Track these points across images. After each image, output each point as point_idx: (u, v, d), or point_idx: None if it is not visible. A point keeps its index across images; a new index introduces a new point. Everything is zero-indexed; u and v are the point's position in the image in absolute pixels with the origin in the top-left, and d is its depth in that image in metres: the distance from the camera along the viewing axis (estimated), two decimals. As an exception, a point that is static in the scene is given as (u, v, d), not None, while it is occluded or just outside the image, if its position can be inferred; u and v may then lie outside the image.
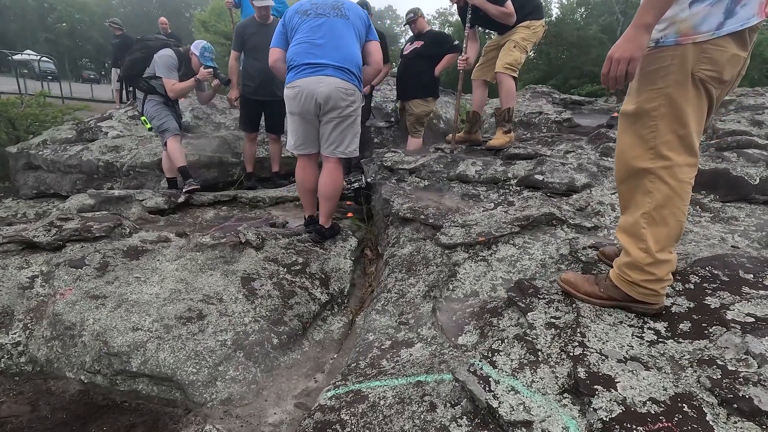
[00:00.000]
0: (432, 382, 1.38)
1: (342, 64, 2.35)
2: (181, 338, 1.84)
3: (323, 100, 2.34)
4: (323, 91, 2.32)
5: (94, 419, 1.63)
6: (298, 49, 2.38)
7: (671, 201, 1.29)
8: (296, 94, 2.35)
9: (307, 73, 2.32)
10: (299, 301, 2.21)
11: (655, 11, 1.16)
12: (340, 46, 2.37)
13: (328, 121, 2.44)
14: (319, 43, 2.34)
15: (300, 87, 2.33)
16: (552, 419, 1.11)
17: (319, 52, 2.33)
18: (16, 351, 1.83)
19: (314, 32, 2.38)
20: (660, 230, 1.32)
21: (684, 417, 1.05)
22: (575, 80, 19.54)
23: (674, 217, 1.31)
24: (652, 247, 1.32)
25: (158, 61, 3.53)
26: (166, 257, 2.35)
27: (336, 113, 2.41)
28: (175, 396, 1.72)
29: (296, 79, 2.35)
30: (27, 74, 17.65)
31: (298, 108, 2.40)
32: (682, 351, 1.27)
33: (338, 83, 2.33)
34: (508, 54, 3.29)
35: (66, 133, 5.58)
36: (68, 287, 2.04)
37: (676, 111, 1.24)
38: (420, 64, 4.14)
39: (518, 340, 1.42)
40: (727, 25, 1.16)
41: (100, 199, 3.28)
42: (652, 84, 1.27)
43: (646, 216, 1.33)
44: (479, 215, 2.62)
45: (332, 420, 1.36)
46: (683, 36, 1.20)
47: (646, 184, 1.32)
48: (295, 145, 2.56)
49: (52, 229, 2.35)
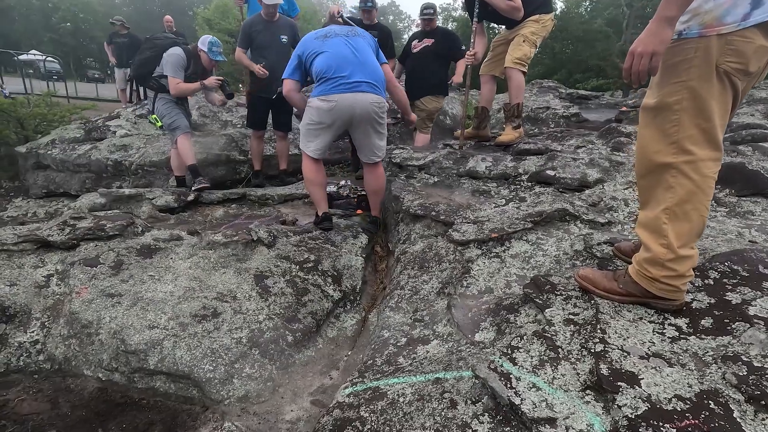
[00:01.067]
0: (451, 379, 1.38)
1: (373, 81, 2.58)
2: (197, 336, 1.85)
3: (360, 115, 2.56)
4: (361, 107, 2.54)
5: (114, 416, 1.64)
6: (330, 63, 2.53)
7: (694, 196, 1.27)
8: (332, 107, 2.52)
9: (344, 89, 2.50)
10: (312, 298, 2.21)
11: (680, 3, 1.13)
12: (366, 62, 2.59)
13: (362, 132, 2.65)
14: (349, 59, 2.54)
15: (337, 102, 2.51)
16: (576, 416, 1.11)
17: (350, 68, 2.51)
18: (34, 349, 1.84)
19: (340, 48, 2.58)
20: (682, 226, 1.30)
21: (711, 414, 1.04)
22: (580, 74, 19.41)
23: (697, 212, 1.29)
24: (674, 243, 1.31)
25: (166, 59, 3.53)
26: (179, 255, 2.36)
27: (369, 125, 2.64)
28: (193, 393, 1.73)
29: (332, 93, 2.51)
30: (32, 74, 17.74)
31: (330, 120, 2.57)
32: (706, 347, 1.26)
33: (372, 99, 2.56)
34: (518, 48, 3.26)
35: (74, 133, 5.61)
36: (84, 286, 2.06)
37: (699, 104, 1.22)
38: (432, 62, 4.09)
39: (537, 337, 1.42)
40: (753, 15, 1.13)
41: (111, 197, 3.29)
42: (675, 77, 1.25)
43: (667, 211, 1.31)
44: (491, 211, 2.61)
45: (351, 417, 1.36)
46: (707, 28, 1.18)
47: (669, 179, 1.30)
48: (315, 150, 2.71)
49: (66, 228, 2.36)
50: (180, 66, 3.55)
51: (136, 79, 3.82)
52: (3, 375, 1.76)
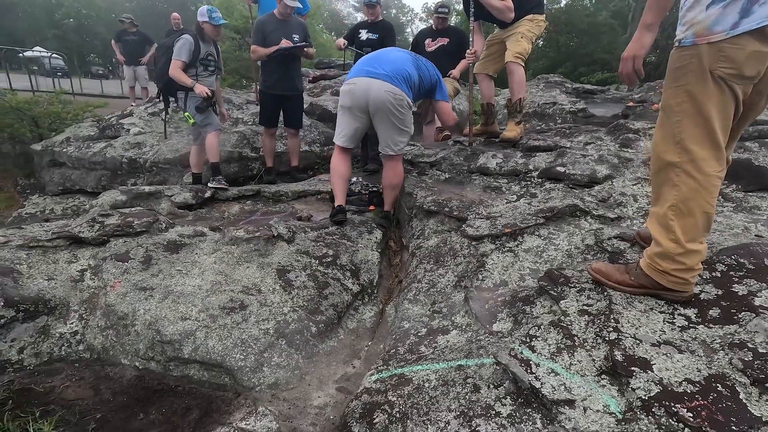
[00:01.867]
0: (473, 366, 1.47)
1: (393, 74, 2.69)
2: (227, 327, 1.95)
3: (375, 101, 2.68)
4: (375, 92, 2.66)
5: (153, 402, 1.75)
6: (364, 59, 2.85)
7: (697, 193, 1.35)
8: (350, 89, 2.72)
9: (363, 74, 2.69)
10: (333, 291, 2.31)
11: (653, 12, 1.32)
12: (395, 61, 2.77)
13: (379, 121, 2.75)
14: (380, 58, 2.79)
15: (355, 84, 2.71)
16: (593, 398, 1.20)
17: (377, 63, 2.75)
18: (74, 339, 1.95)
19: (382, 51, 2.91)
20: (687, 221, 1.38)
21: (719, 396, 1.12)
22: (585, 68, 19.27)
23: (701, 208, 1.36)
24: (681, 238, 1.39)
25: (176, 44, 3.62)
26: (204, 251, 2.46)
27: (386, 114, 2.71)
28: (225, 381, 1.84)
29: (353, 77, 2.75)
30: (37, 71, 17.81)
31: (349, 102, 2.74)
32: (713, 335, 1.34)
33: (388, 87, 2.66)
34: (517, 44, 3.31)
35: (87, 131, 5.71)
36: (117, 280, 2.16)
37: (698, 107, 1.31)
38: (447, 61, 4.10)
39: (554, 326, 1.50)
40: (742, 24, 1.21)
41: (131, 195, 3.39)
42: (676, 81, 1.35)
43: (673, 208, 1.39)
44: (503, 207, 2.69)
45: (380, 401, 1.45)
46: (699, 37, 1.28)
47: (673, 178, 1.38)
48: (339, 136, 2.87)
49: (95, 225, 2.46)
50: (186, 49, 3.61)
51: (164, 91, 3.87)
52: (47, 363, 1.87)
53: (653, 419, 1.09)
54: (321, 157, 5.22)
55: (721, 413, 1.07)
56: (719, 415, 1.07)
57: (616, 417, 1.13)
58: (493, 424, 1.24)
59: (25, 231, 2.45)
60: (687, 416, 1.07)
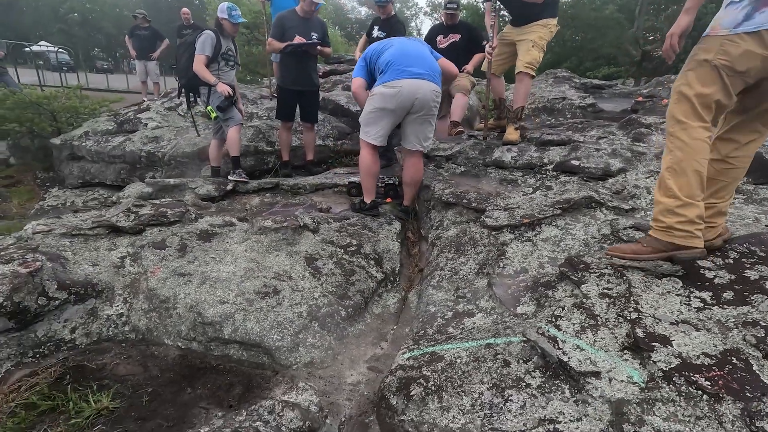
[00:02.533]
0: (502, 343, 1.58)
1: (432, 72, 2.77)
2: (263, 310, 2.07)
3: (421, 101, 2.73)
4: (423, 93, 2.72)
5: (197, 378, 1.87)
6: (395, 55, 2.78)
7: (687, 155, 1.57)
8: (397, 92, 2.70)
9: (408, 76, 2.70)
10: (359, 278, 2.42)
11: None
12: (425, 57, 2.84)
13: (416, 119, 2.81)
14: (410, 54, 2.81)
15: (402, 87, 2.69)
16: (617, 370, 1.31)
17: (412, 61, 2.76)
18: (120, 321, 2.07)
19: (403, 44, 2.89)
20: (681, 180, 1.58)
21: (734, 368, 1.23)
22: (590, 63, 19.25)
23: (691, 167, 1.56)
24: (678, 194, 1.58)
25: (198, 40, 3.72)
26: (234, 240, 2.57)
27: (425, 112, 2.79)
28: (263, 360, 1.96)
29: (398, 79, 2.70)
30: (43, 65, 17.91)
31: (394, 104, 2.73)
32: (728, 315, 1.45)
33: (433, 87, 2.75)
34: (528, 53, 3.36)
35: (105, 125, 5.83)
36: (156, 266, 2.28)
37: (694, 89, 1.55)
38: (460, 58, 4.16)
39: (576, 308, 1.61)
40: (743, 26, 1.45)
41: (157, 187, 3.51)
42: (686, 66, 1.60)
43: (669, 170, 1.62)
44: (520, 199, 2.79)
45: (415, 376, 1.57)
46: (712, 30, 1.54)
47: (669, 145, 1.63)
48: (377, 137, 2.87)
49: (131, 215, 2.58)
50: (209, 44, 3.70)
51: (186, 88, 3.95)
52: (96, 343, 2.00)
53: (674, 387, 1.20)
54: (334, 152, 5.31)
55: (737, 382, 1.18)
56: (735, 384, 1.17)
57: (639, 386, 1.24)
58: (525, 394, 1.35)
59: (63, 220, 2.57)
60: (705, 384, 1.18)
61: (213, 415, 1.66)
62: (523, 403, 1.32)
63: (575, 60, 19.39)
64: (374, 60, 2.90)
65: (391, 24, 4.43)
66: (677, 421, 1.13)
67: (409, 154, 2.98)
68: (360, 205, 3.12)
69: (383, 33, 4.38)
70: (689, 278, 1.65)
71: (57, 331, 1.94)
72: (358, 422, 1.66)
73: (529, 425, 1.24)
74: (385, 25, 4.44)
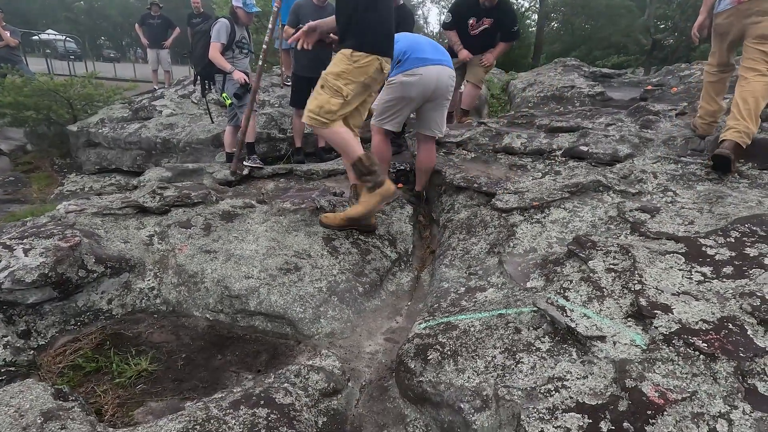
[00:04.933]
0: (513, 314, 1.69)
1: (446, 55, 2.84)
2: (285, 285, 2.19)
3: (440, 88, 2.78)
4: (443, 79, 2.77)
5: (226, 346, 2.00)
6: (408, 45, 2.76)
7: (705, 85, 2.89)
8: (418, 80, 2.70)
9: (426, 63, 2.72)
10: (374, 257, 2.54)
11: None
12: (435, 44, 2.93)
13: (436, 105, 2.87)
14: (421, 42, 2.84)
15: (422, 75, 2.69)
16: (621, 334, 1.41)
17: (426, 48, 2.80)
18: (152, 294, 2.21)
19: (410, 36, 2.93)
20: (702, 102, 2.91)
21: (729, 332, 1.33)
22: (600, 51, 19.03)
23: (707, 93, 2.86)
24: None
25: (213, 28, 3.81)
26: (255, 220, 2.69)
27: (443, 99, 2.86)
28: (286, 330, 2.09)
29: (417, 67, 2.70)
30: (50, 54, 18.00)
31: (415, 92, 2.74)
32: (726, 287, 1.54)
33: (449, 72, 2.81)
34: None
35: (120, 112, 5.95)
36: (183, 244, 2.41)
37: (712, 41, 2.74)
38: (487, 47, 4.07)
39: (584, 281, 1.71)
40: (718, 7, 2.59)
41: (176, 171, 3.63)
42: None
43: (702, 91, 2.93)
44: (529, 183, 2.88)
45: (431, 342, 1.69)
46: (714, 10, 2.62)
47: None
48: (394, 123, 2.91)
49: (156, 196, 2.70)
50: (224, 32, 3.79)
51: (202, 76, 4.05)
52: (131, 314, 2.13)
53: (673, 348, 1.31)
54: (345, 139, 5.40)
55: (732, 344, 1.28)
56: (730, 346, 1.28)
57: (641, 348, 1.35)
58: (535, 356, 1.46)
59: (93, 201, 2.70)
60: (702, 346, 1.28)
61: (243, 377, 1.80)
62: (533, 364, 1.44)
63: (584, 49, 19.17)
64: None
65: (399, 13, 4.41)
66: (675, 378, 1.23)
67: (423, 140, 3.05)
68: None
69: None
70: (691, 255, 1.75)
71: (95, 302, 2.08)
72: (377, 386, 1.79)
73: (539, 383, 1.36)
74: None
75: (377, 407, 1.68)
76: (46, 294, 1.89)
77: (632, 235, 2.07)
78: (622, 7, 19.16)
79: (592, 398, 1.26)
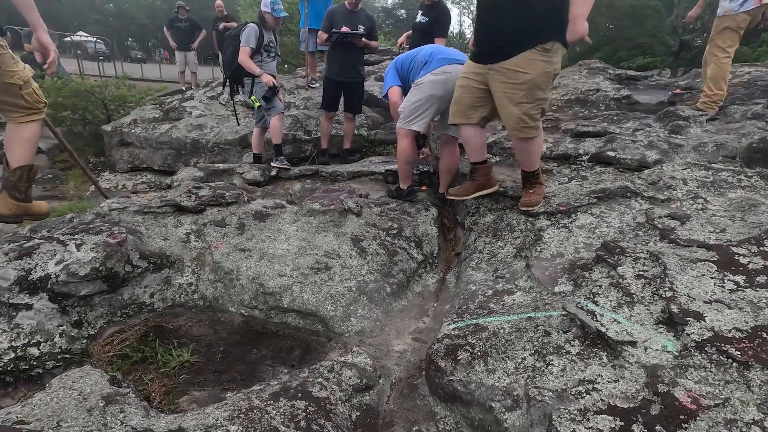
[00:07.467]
0: (542, 317, 1.73)
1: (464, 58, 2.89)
2: (317, 284, 2.27)
3: None
4: None
5: (261, 341, 2.09)
6: (432, 50, 2.96)
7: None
8: (446, 78, 2.78)
9: (453, 62, 2.83)
10: (401, 258, 2.60)
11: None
12: (454, 50, 3.06)
13: None
14: (442, 47, 3.09)
15: (450, 73, 2.76)
16: (652, 341, 1.44)
17: (452, 51, 3.00)
18: (190, 289, 2.32)
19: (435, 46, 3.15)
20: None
21: (763, 341, 1.34)
22: (625, 52, 18.64)
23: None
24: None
25: (242, 33, 3.93)
26: (285, 221, 2.79)
27: None
28: (318, 327, 2.17)
29: (445, 65, 2.82)
30: (81, 55, 18.70)
31: (443, 90, 2.80)
32: (760, 297, 1.54)
33: None
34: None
35: (151, 113, 6.18)
36: (219, 242, 2.51)
37: None
38: None
39: (613, 287, 1.74)
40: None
41: (208, 171, 3.77)
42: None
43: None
44: (555, 188, 2.89)
45: (461, 343, 1.74)
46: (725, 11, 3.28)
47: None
48: (421, 123, 2.94)
49: (192, 196, 2.83)
50: (253, 36, 3.90)
51: (232, 79, 4.17)
52: (171, 308, 2.25)
53: (706, 356, 1.33)
54: (368, 141, 5.49)
55: (766, 353, 1.29)
56: (764, 355, 1.29)
57: (673, 354, 1.37)
58: (565, 359, 1.50)
59: (133, 199, 2.84)
60: (735, 354, 1.30)
61: (279, 371, 1.88)
62: (563, 366, 1.47)
63: (608, 50, 18.81)
64: (407, 64, 3.03)
65: (435, 10, 4.28)
66: (708, 384, 1.25)
67: (448, 142, 3.09)
68: (397, 191, 3.28)
69: (426, 18, 4.25)
70: (723, 263, 1.75)
71: (139, 296, 2.20)
72: (407, 383, 1.84)
73: (570, 385, 1.39)
74: (429, 10, 4.28)
75: (407, 404, 1.74)
76: (96, 287, 2.02)
77: (661, 241, 2.08)
78: (648, 7, 18.73)
79: (623, 401, 1.29)
